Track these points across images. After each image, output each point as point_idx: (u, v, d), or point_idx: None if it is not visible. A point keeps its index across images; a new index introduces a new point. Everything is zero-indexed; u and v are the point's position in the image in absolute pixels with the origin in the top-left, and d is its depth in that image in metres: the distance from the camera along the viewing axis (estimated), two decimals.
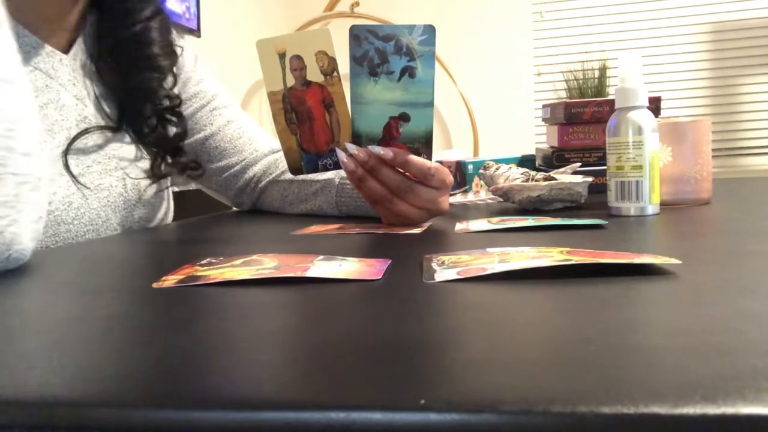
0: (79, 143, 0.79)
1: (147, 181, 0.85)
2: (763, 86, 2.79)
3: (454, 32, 2.98)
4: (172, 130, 0.88)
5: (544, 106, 1.13)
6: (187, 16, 2.16)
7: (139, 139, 0.86)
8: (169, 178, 0.90)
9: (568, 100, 1.05)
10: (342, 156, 0.68)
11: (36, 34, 0.78)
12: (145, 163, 0.86)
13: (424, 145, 0.69)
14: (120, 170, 0.82)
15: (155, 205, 0.88)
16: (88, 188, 0.78)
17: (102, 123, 0.82)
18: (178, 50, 0.88)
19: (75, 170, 0.77)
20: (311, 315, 0.35)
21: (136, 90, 0.84)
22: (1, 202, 0.49)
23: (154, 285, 0.43)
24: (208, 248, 0.64)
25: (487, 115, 2.95)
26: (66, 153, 0.77)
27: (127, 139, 0.85)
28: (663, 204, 0.78)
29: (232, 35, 2.63)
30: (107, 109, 0.84)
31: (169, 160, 0.87)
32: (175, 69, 0.88)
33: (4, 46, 0.53)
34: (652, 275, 0.40)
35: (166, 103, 0.86)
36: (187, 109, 0.92)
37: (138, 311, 0.37)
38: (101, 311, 0.38)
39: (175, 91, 0.88)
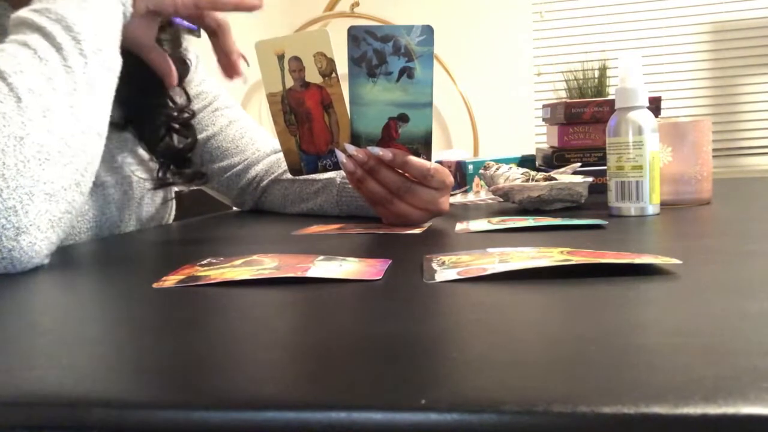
0: None
1: (152, 183, 0.85)
2: (763, 86, 2.79)
3: (454, 32, 2.98)
4: (182, 140, 0.87)
5: (544, 106, 1.13)
6: None
7: (148, 149, 0.85)
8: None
9: (568, 100, 1.05)
10: (341, 157, 0.68)
11: None
12: (152, 165, 0.85)
13: (423, 145, 0.69)
14: (125, 168, 0.82)
15: (159, 206, 0.88)
16: (91, 185, 0.78)
17: None
18: (188, 62, 0.88)
19: None
20: (312, 315, 0.35)
21: (146, 101, 0.83)
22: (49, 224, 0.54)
23: (155, 285, 0.43)
24: (208, 248, 0.64)
25: (487, 115, 2.95)
26: None
27: (133, 140, 0.84)
28: (663, 204, 0.78)
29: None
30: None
31: (175, 170, 0.86)
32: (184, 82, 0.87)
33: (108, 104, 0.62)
34: (653, 275, 0.40)
35: (175, 114, 0.86)
36: None
37: (138, 311, 0.37)
38: (101, 311, 0.38)
39: (185, 101, 0.87)
